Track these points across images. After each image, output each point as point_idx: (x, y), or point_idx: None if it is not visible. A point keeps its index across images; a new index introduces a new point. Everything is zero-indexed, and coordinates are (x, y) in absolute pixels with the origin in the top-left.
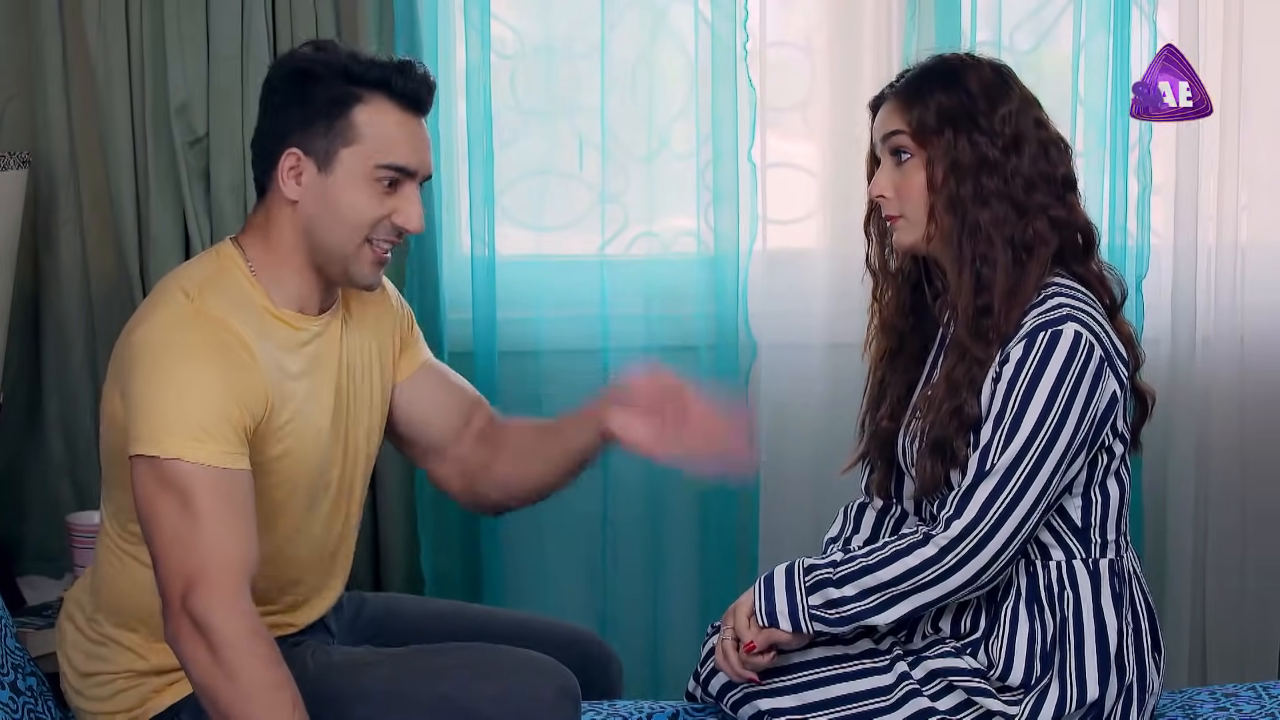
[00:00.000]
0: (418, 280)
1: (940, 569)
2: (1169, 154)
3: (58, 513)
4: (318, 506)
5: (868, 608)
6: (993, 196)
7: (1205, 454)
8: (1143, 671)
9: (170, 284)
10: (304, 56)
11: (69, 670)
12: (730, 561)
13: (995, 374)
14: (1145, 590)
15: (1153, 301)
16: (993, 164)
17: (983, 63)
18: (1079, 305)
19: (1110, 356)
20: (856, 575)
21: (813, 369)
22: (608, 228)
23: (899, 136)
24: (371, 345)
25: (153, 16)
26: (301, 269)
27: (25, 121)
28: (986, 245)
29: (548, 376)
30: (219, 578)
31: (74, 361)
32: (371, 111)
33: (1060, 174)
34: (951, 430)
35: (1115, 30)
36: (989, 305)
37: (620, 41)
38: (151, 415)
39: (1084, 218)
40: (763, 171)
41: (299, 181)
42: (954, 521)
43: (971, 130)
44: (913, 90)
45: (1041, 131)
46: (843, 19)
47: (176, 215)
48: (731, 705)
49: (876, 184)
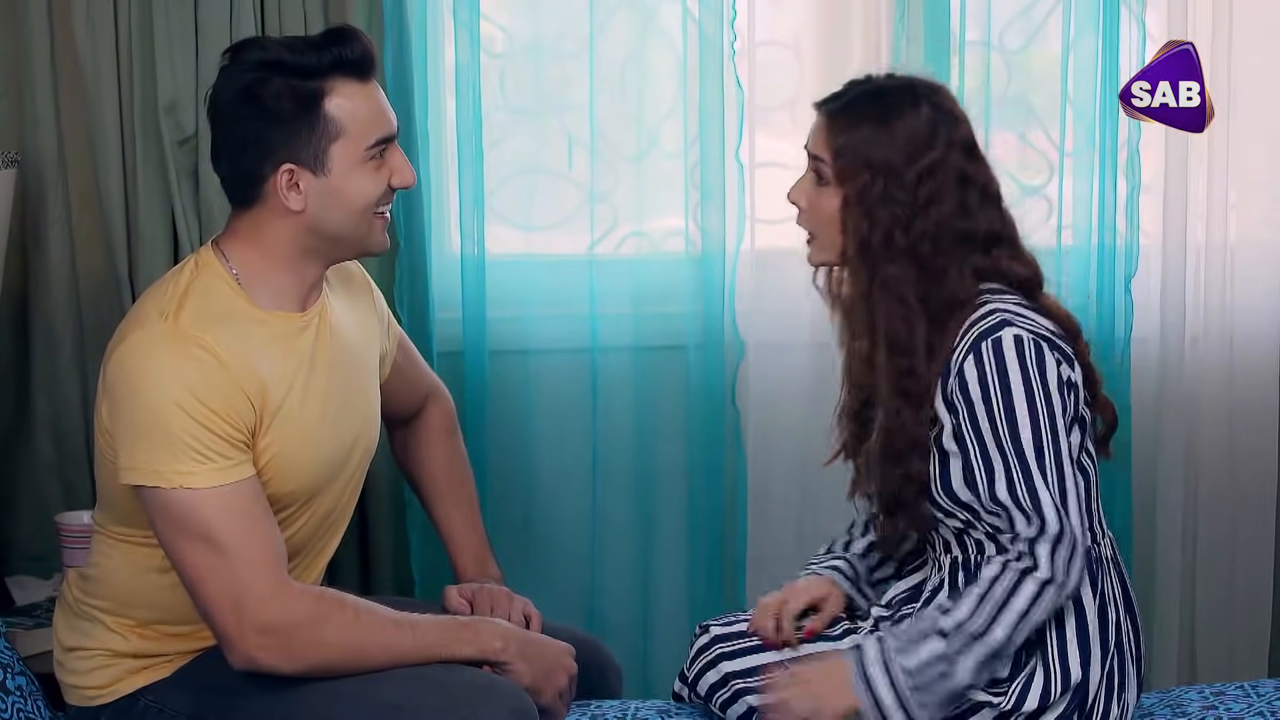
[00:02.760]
0: (407, 279)
1: (1059, 580)
2: (1158, 153)
3: (47, 513)
4: (326, 492)
5: (986, 670)
6: (901, 254)
7: (1194, 453)
8: (1123, 657)
9: (146, 303)
10: (247, 71)
11: (56, 642)
12: (717, 560)
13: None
14: (1124, 577)
15: (1142, 301)
16: (903, 222)
17: (922, 103)
18: (1009, 308)
19: (1053, 342)
20: (968, 648)
21: (800, 368)
22: (597, 227)
23: (821, 164)
24: (360, 337)
25: (141, 15)
26: (293, 267)
27: (13, 121)
28: (899, 304)
29: (537, 375)
30: (260, 589)
31: (63, 361)
32: (340, 98)
33: (983, 230)
34: (908, 495)
35: (1104, 30)
36: (912, 368)
37: (609, 41)
38: (144, 443)
39: (1014, 270)
40: (751, 171)
41: (299, 191)
42: (1039, 536)
43: (888, 182)
44: (845, 117)
45: (965, 186)
46: (831, 18)
47: (165, 214)
48: (720, 705)
49: (795, 190)
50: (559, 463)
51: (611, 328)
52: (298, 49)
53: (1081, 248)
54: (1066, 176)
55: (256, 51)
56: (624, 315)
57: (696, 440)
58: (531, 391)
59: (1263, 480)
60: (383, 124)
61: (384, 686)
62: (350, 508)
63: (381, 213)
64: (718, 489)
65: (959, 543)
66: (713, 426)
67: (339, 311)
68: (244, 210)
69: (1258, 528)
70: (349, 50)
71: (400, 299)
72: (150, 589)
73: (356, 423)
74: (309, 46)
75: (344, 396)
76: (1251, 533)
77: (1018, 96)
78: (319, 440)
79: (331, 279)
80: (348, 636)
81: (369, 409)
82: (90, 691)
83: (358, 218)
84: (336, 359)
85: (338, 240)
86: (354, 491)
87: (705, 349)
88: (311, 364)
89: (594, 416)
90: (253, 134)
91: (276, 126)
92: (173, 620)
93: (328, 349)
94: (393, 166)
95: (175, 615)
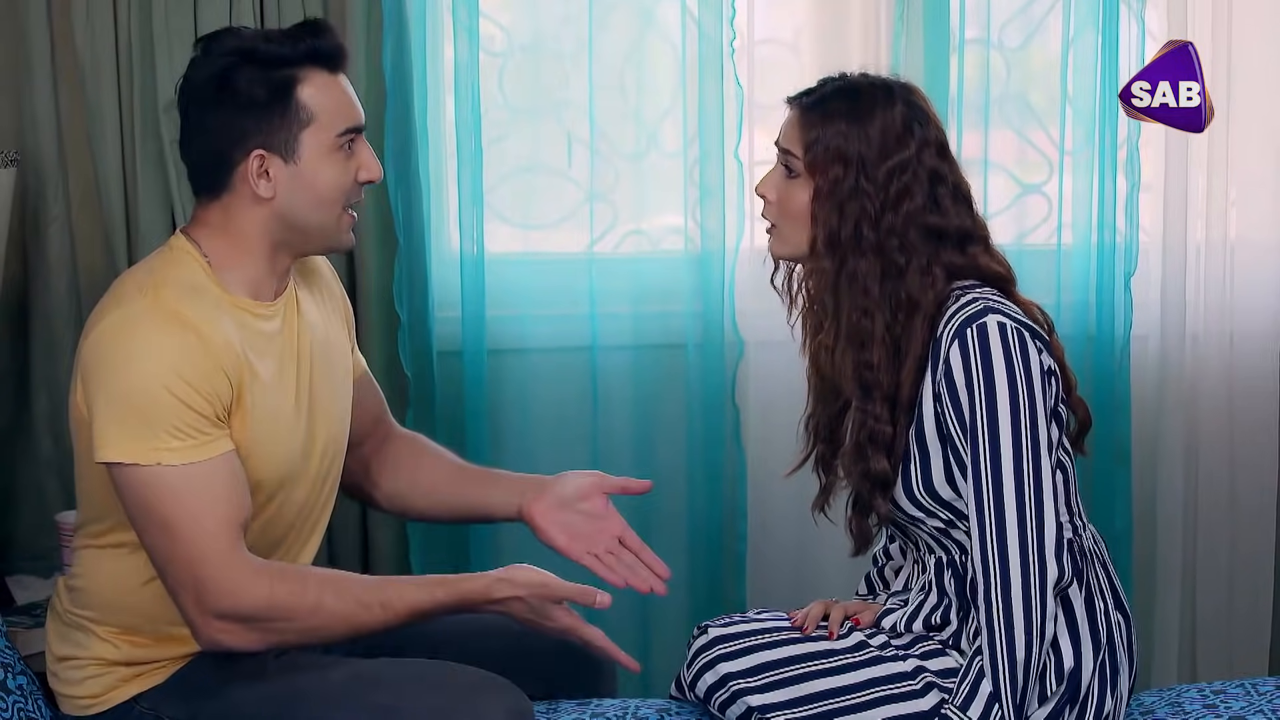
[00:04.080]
0: (407, 278)
1: (1032, 587)
2: (1158, 151)
3: (47, 511)
4: (295, 483)
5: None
6: (870, 249)
7: (1194, 452)
8: (1114, 648)
9: (126, 282)
10: (221, 57)
11: (49, 653)
12: (717, 560)
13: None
14: (1109, 568)
15: (1141, 299)
16: (872, 217)
17: (896, 101)
18: (990, 298)
19: (1034, 330)
20: (1014, 681)
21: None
22: (596, 225)
23: (792, 157)
24: (329, 326)
25: (140, 13)
26: (263, 256)
27: (13, 119)
28: (864, 296)
29: (536, 374)
30: (217, 574)
31: (62, 359)
32: (312, 86)
33: (955, 226)
34: (866, 490)
35: (1104, 28)
36: (870, 361)
37: (608, 39)
38: (123, 420)
39: (991, 267)
40: (750, 169)
41: (269, 178)
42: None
43: (860, 176)
44: (819, 113)
45: (937, 183)
46: (831, 17)
47: (164, 212)
48: (719, 706)
49: (764, 183)
50: (558, 461)
51: (611, 326)
52: (272, 39)
53: (1081, 246)
54: (1066, 175)
55: (231, 40)
56: (623, 314)
57: (696, 439)
58: (531, 390)
59: (1263, 478)
60: (352, 114)
61: (382, 689)
62: (328, 507)
63: (350, 210)
64: (717, 488)
65: (940, 544)
66: (712, 425)
67: (307, 306)
68: (212, 199)
69: (1258, 526)
70: (322, 42)
71: (400, 297)
72: (139, 598)
73: (325, 417)
74: (283, 37)
75: (312, 389)
76: (1252, 531)
77: (1017, 95)
78: (289, 430)
79: (300, 277)
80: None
81: (339, 404)
82: (84, 701)
83: (326, 209)
84: (304, 351)
85: (304, 231)
86: (330, 490)
87: (705, 348)
88: (281, 353)
89: (593, 415)
90: (225, 120)
91: (249, 113)
92: (165, 623)
93: (296, 340)
94: (361, 161)
95: (166, 620)
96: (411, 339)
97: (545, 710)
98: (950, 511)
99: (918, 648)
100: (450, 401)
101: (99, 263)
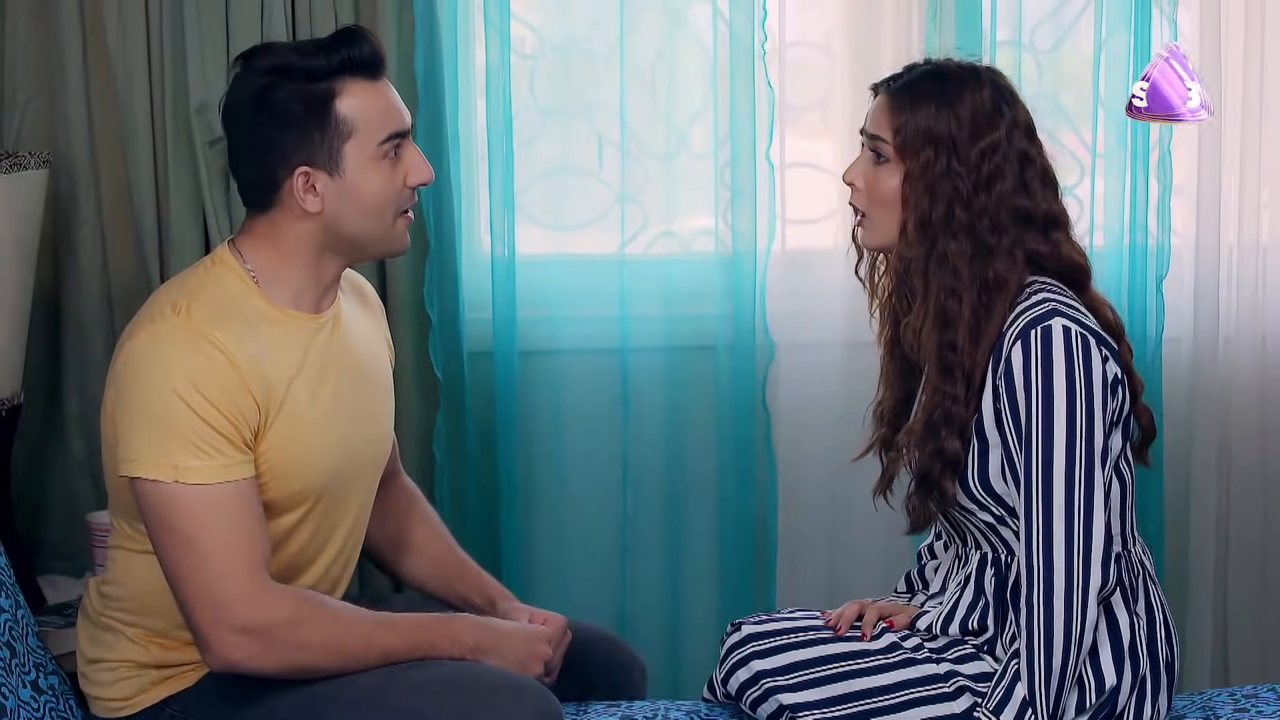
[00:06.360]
0: (437, 280)
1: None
2: (1190, 153)
3: (78, 512)
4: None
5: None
6: (961, 230)
7: (1227, 454)
8: (1156, 667)
9: (160, 298)
10: (258, 77)
11: (79, 654)
12: (749, 562)
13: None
14: (1156, 583)
15: (1174, 302)
16: (964, 198)
17: (984, 84)
18: (1061, 299)
19: (1101, 339)
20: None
21: (830, 369)
22: (627, 227)
23: (881, 142)
24: (374, 346)
25: (172, 16)
26: (310, 266)
27: (45, 122)
28: (953, 278)
29: (567, 376)
30: (238, 590)
31: (94, 361)
32: (350, 98)
33: (1042, 210)
34: (935, 470)
35: (1136, 29)
36: (954, 342)
37: (639, 41)
38: (145, 434)
39: (1072, 256)
40: (781, 171)
41: (315, 193)
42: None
43: (951, 157)
44: (907, 96)
45: (1026, 166)
46: (862, 18)
47: (196, 215)
48: (750, 704)
49: (851, 170)
50: (589, 463)
51: (641, 328)
52: (306, 52)
53: (1113, 248)
54: (1098, 177)
55: (266, 57)
56: (654, 316)
57: (727, 441)
58: (561, 392)
59: None
60: (394, 119)
61: (406, 692)
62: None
63: (405, 213)
64: (748, 491)
65: (987, 540)
66: (743, 428)
67: (353, 321)
68: (261, 213)
69: None
70: (357, 51)
71: (430, 300)
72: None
73: (368, 430)
74: (317, 49)
75: (354, 403)
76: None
77: (1049, 96)
78: (326, 442)
79: (347, 292)
80: (327, 637)
81: (382, 421)
82: (115, 704)
83: (375, 217)
84: (349, 365)
85: (356, 241)
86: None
87: (735, 350)
88: (323, 366)
89: (624, 417)
90: (267, 139)
91: (289, 130)
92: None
93: (340, 354)
94: (409, 164)
95: None
96: (442, 341)
97: (574, 712)
98: (1001, 507)
99: (952, 652)
100: (481, 403)
101: (130, 265)
